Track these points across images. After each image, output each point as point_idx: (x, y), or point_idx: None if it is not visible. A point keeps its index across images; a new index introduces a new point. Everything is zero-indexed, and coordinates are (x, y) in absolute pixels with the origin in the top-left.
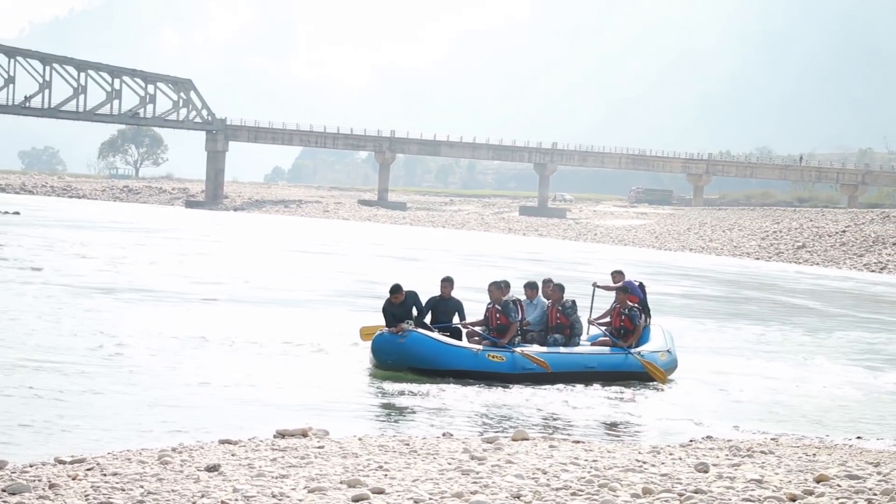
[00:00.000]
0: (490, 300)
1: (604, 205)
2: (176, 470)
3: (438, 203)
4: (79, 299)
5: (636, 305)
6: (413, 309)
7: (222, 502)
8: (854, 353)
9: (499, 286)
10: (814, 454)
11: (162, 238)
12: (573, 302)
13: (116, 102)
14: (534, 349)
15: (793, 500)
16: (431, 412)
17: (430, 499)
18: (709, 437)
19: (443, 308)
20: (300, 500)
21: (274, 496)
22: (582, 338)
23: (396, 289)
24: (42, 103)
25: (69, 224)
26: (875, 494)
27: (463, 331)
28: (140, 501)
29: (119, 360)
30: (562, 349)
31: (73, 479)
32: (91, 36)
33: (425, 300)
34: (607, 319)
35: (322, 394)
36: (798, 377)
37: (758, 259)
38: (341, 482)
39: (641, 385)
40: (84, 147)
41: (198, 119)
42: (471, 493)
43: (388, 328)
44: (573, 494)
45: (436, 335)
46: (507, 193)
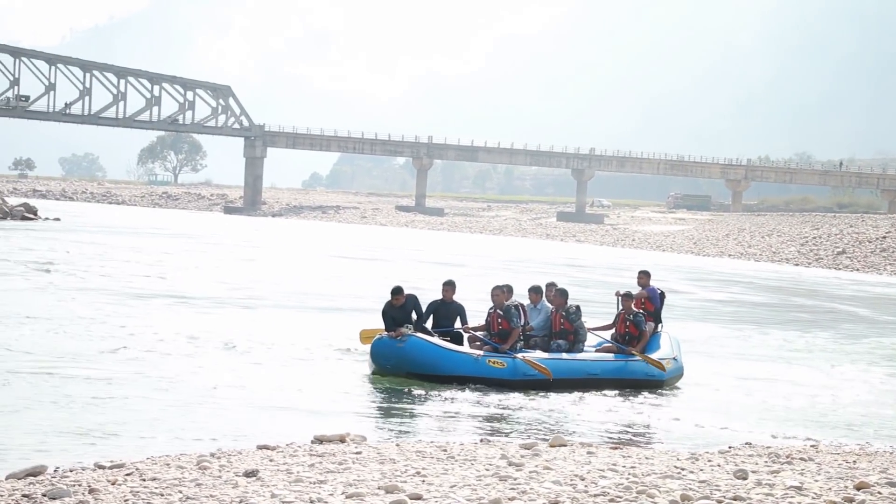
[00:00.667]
0: (492, 304)
1: (642, 210)
2: (214, 475)
3: (476, 209)
4: (117, 305)
5: (642, 311)
6: (413, 313)
7: None
8: None
9: (502, 290)
10: (854, 461)
11: (201, 244)
12: (577, 307)
13: (156, 109)
14: (536, 355)
15: None
16: (467, 418)
17: None
18: (748, 444)
19: (444, 312)
20: None
21: (312, 502)
22: (587, 344)
23: (398, 290)
24: (82, 110)
25: (109, 230)
26: None
27: (465, 335)
28: None
29: (157, 366)
30: (564, 355)
31: (113, 484)
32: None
33: (439, 304)
34: (608, 325)
35: (359, 399)
36: (840, 383)
37: (797, 265)
38: (379, 488)
39: (673, 391)
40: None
41: (236, 125)
42: (508, 500)
43: (388, 332)
44: (611, 501)
45: (435, 340)
46: (545, 199)
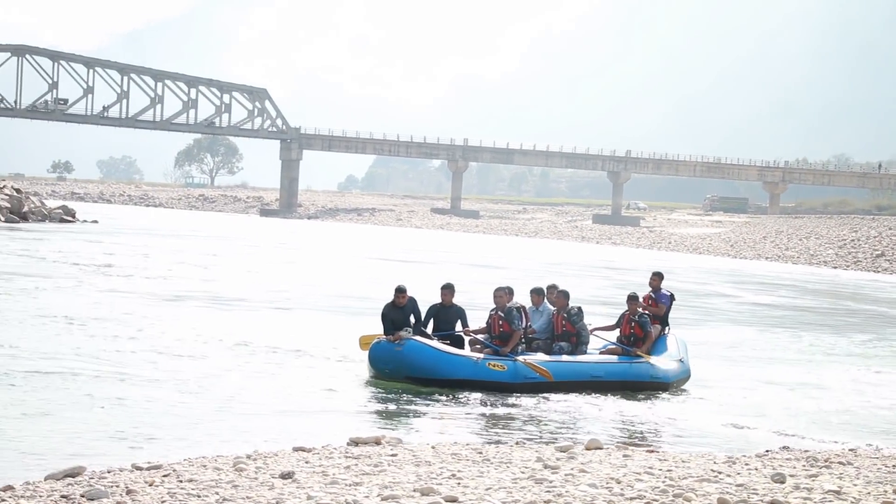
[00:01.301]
0: (494, 306)
1: (678, 213)
2: (251, 477)
3: (511, 211)
4: (154, 306)
5: (646, 312)
6: (411, 316)
7: None
8: None
9: (504, 291)
10: (893, 465)
11: (239, 246)
12: (579, 308)
13: (192, 112)
14: (537, 358)
15: None
16: (501, 420)
17: None
18: (785, 448)
19: (444, 316)
20: None
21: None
22: (591, 346)
23: (402, 289)
24: (120, 113)
25: (147, 232)
26: None
27: (465, 338)
28: None
29: (193, 367)
30: (566, 357)
31: (150, 485)
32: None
33: (439, 308)
34: (612, 326)
35: (393, 402)
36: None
37: (835, 268)
38: (414, 490)
39: (709, 392)
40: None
41: (272, 128)
42: (544, 503)
43: (386, 336)
44: None
45: (434, 343)
46: (581, 201)
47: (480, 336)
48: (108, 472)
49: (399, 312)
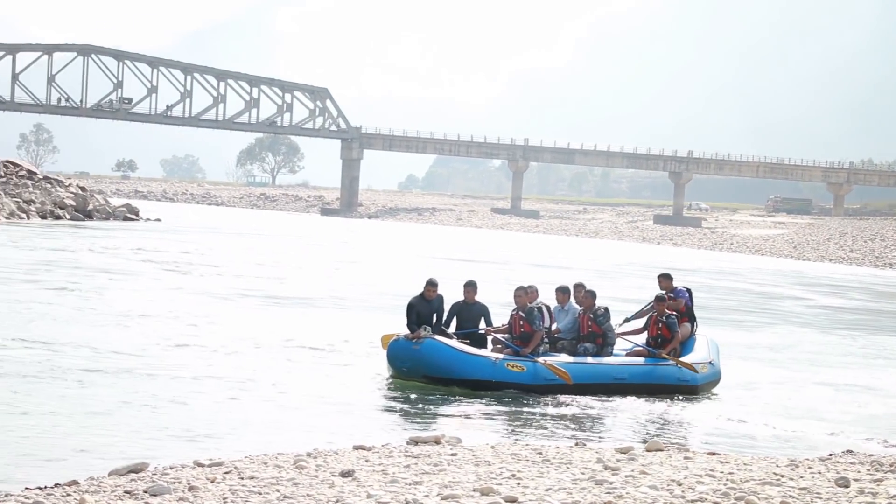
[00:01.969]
0: (515, 306)
1: (740, 214)
2: (311, 475)
3: (571, 211)
4: (215, 305)
5: (675, 313)
6: (435, 314)
7: None
8: None
9: (525, 291)
10: None
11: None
12: (606, 309)
13: (254, 111)
14: (560, 359)
15: None
16: (561, 421)
17: None
18: (849, 451)
19: (467, 314)
20: None
21: (407, 502)
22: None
23: (434, 283)
24: (183, 112)
25: (209, 231)
26: None
27: (488, 338)
28: None
29: (253, 366)
30: (589, 359)
31: (212, 482)
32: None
33: (462, 306)
34: (639, 328)
35: (451, 401)
36: None
37: None
38: (474, 490)
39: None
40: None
41: (333, 127)
42: None
43: (406, 335)
44: None
45: (453, 342)
46: (642, 202)
47: (502, 336)
48: (171, 469)
49: (427, 306)
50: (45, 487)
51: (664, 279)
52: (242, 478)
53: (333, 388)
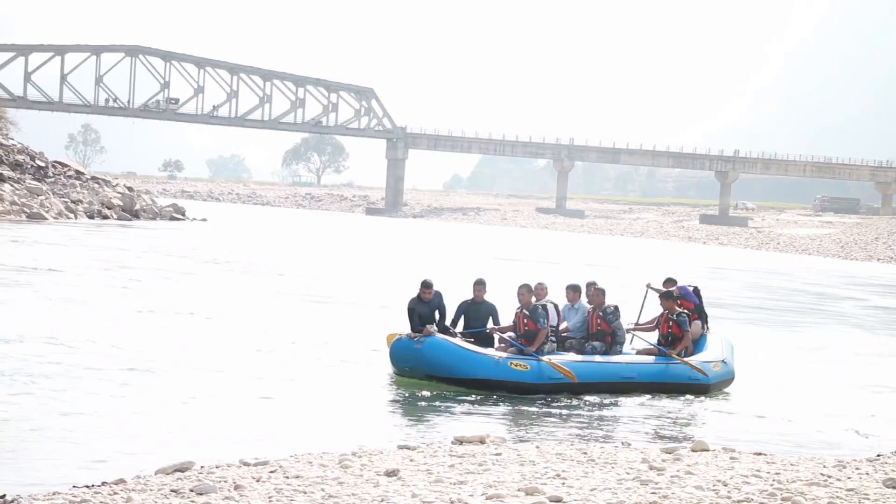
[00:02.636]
0: (519, 304)
1: (787, 213)
2: (356, 474)
3: (617, 211)
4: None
5: (685, 311)
6: (436, 312)
7: None
8: None
9: (529, 288)
10: None
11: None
12: (616, 307)
13: (300, 111)
14: (566, 357)
15: None
16: (605, 421)
17: None
18: None
19: (475, 313)
20: None
21: (452, 502)
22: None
23: (428, 284)
24: (229, 112)
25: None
26: None
27: (495, 337)
28: None
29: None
30: (596, 358)
31: (257, 481)
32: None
33: (470, 304)
34: (650, 326)
35: (495, 402)
36: None
37: None
38: (519, 489)
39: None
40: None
41: (378, 127)
42: None
43: (413, 332)
44: None
45: (456, 341)
46: (687, 201)
47: (507, 334)
48: (217, 468)
49: (426, 306)
50: (93, 486)
51: (668, 283)
52: (287, 477)
53: (376, 388)
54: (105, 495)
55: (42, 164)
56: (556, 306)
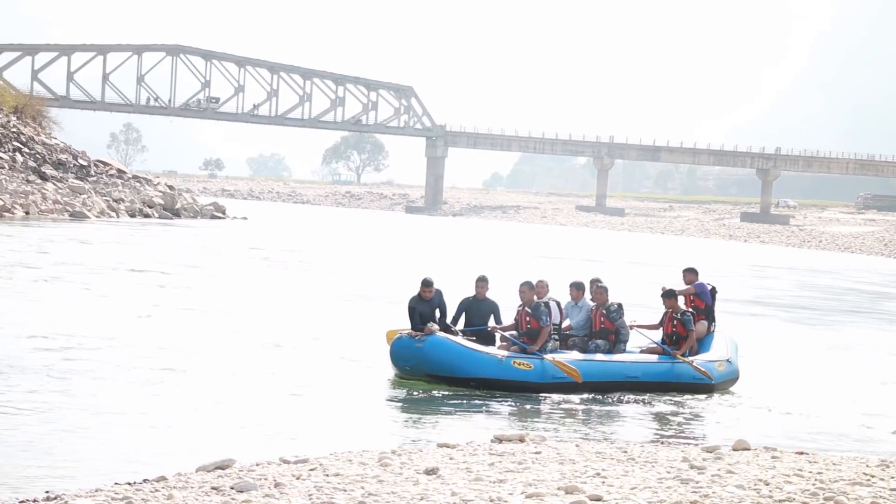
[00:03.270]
0: (520, 302)
1: (829, 211)
2: (395, 472)
3: (657, 209)
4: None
5: (690, 310)
6: (437, 310)
7: None
8: None
9: (530, 286)
10: None
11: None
12: (619, 305)
13: (340, 110)
14: (569, 356)
15: None
16: (642, 419)
17: None
18: None
19: (476, 310)
20: None
21: (492, 500)
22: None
23: (428, 282)
24: (269, 111)
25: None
26: None
27: (497, 335)
28: (361, 502)
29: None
30: (600, 356)
31: (297, 479)
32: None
33: (471, 301)
34: (655, 324)
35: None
36: None
37: None
38: (559, 488)
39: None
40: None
41: (418, 125)
42: (690, 503)
43: (414, 331)
44: None
45: (458, 339)
46: (728, 199)
47: (509, 333)
48: (257, 466)
49: (427, 304)
50: (134, 483)
51: (689, 273)
52: (327, 475)
53: (410, 386)
54: (146, 492)
55: (84, 164)
56: (559, 304)
